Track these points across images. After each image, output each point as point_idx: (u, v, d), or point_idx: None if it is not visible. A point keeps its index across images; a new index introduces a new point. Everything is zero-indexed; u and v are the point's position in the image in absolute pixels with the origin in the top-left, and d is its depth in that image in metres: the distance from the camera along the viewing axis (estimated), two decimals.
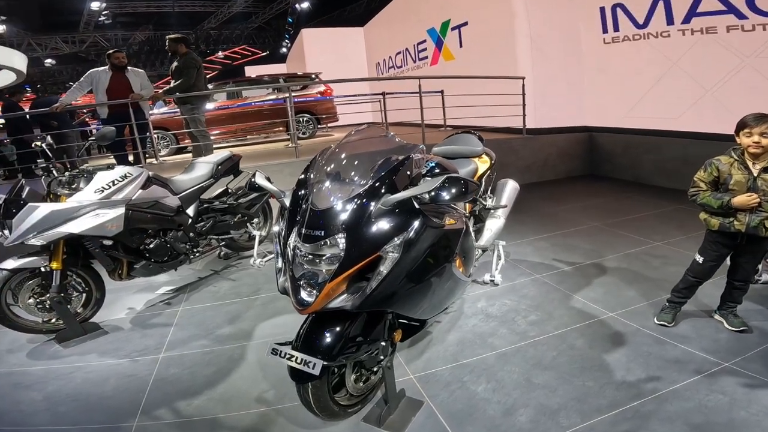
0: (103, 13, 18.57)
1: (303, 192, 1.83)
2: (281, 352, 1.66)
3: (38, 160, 2.98)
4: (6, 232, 2.70)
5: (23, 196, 2.72)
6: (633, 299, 2.94)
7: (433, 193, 1.67)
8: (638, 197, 5.49)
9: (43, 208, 2.64)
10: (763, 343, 2.36)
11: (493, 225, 3.01)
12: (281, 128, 8.86)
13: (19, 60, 13.20)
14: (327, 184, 1.81)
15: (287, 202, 1.88)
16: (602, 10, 6.66)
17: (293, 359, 1.61)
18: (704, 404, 1.95)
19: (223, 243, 3.91)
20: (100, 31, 20.78)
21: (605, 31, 6.70)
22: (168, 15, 20.18)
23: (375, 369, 1.98)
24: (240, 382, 2.35)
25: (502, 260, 3.34)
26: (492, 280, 3.19)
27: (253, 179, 2.09)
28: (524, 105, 6.69)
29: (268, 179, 2.10)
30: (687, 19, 5.61)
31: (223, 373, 2.43)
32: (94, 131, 8.41)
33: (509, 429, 1.89)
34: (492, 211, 3.07)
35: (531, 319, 2.78)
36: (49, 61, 22.43)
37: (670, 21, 5.81)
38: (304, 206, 1.76)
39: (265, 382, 2.33)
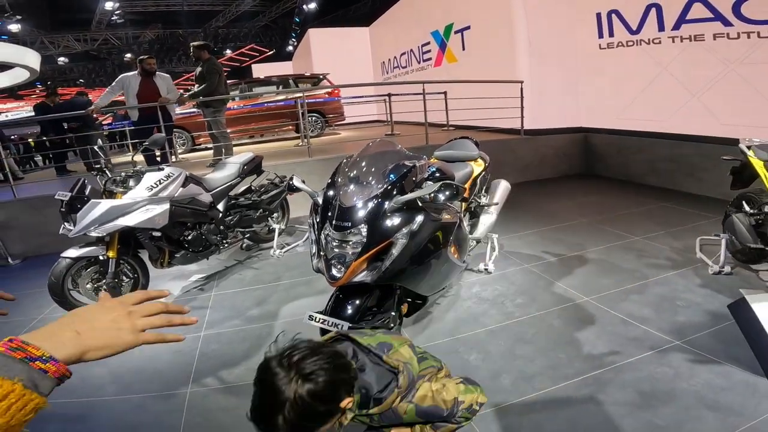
0: (115, 12, 19.00)
1: (332, 192, 2.31)
2: (316, 317, 2.15)
3: (94, 161, 3.38)
4: (68, 225, 3.15)
5: (86, 194, 3.17)
6: (607, 286, 3.36)
7: (431, 195, 2.16)
8: (627, 195, 5.88)
9: (104, 204, 3.09)
10: (715, 324, 2.74)
11: (487, 220, 3.46)
12: (291, 127, 9.29)
13: (32, 58, 13.65)
14: (351, 186, 2.28)
15: (320, 200, 2.35)
16: (598, 16, 7.01)
17: (326, 323, 2.11)
18: (652, 375, 2.33)
19: (247, 235, 4.37)
20: (111, 30, 21.23)
21: (601, 36, 7.04)
22: (177, 13, 20.58)
23: None
24: None
25: (495, 251, 3.80)
26: (486, 269, 3.65)
27: (291, 181, 2.55)
28: (522, 107, 7.06)
29: (303, 182, 2.57)
30: (677, 26, 5.95)
31: (256, 347, 2.89)
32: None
33: (495, 389, 2.32)
34: (486, 207, 3.52)
35: (517, 302, 3.22)
36: (62, 59, 22.91)
37: (661, 28, 6.15)
38: (334, 203, 2.24)
39: None
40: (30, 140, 9.43)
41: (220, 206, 3.99)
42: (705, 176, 5.60)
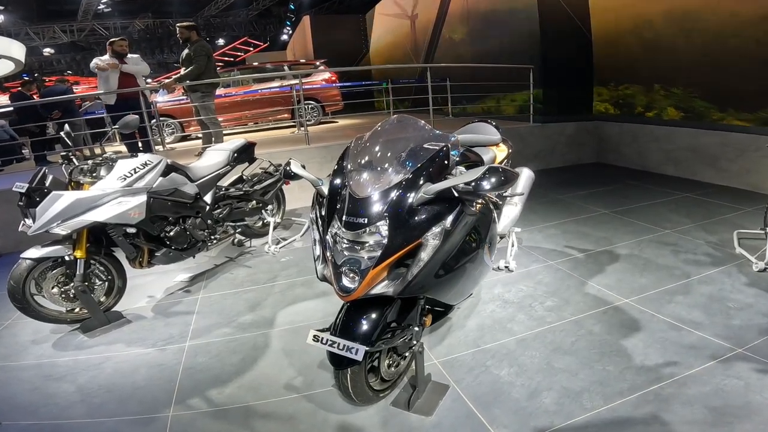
0: (102, 1, 18.35)
1: (340, 180, 1.86)
2: (322, 338, 1.70)
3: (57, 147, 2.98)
4: (28, 221, 2.72)
5: (46, 185, 2.73)
6: (646, 286, 2.99)
7: (474, 184, 1.70)
8: (645, 185, 5.53)
9: (68, 197, 2.65)
10: None
11: (511, 212, 3.06)
12: (286, 115, 8.86)
13: (17, 49, 13.15)
14: (365, 172, 1.84)
15: (325, 190, 1.91)
16: None
17: (335, 345, 1.66)
18: (721, 388, 2.01)
19: (239, 230, 3.95)
20: (98, 20, 20.54)
21: None
22: (168, 2, 19.94)
23: (406, 354, 2.03)
24: (267, 370, 2.40)
25: (515, 247, 3.41)
26: (507, 267, 3.26)
27: (288, 167, 2.12)
28: (532, 94, 6.68)
29: (303, 167, 2.13)
30: None
31: (249, 361, 2.48)
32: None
33: (535, 411, 1.95)
34: (509, 198, 3.11)
35: (548, 305, 2.83)
36: (47, 50, 22.19)
37: None
38: (343, 194, 1.79)
39: (291, 369, 2.38)
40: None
41: (207, 198, 3.55)
42: (727, 166, 5.27)
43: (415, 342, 1.88)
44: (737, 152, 5.14)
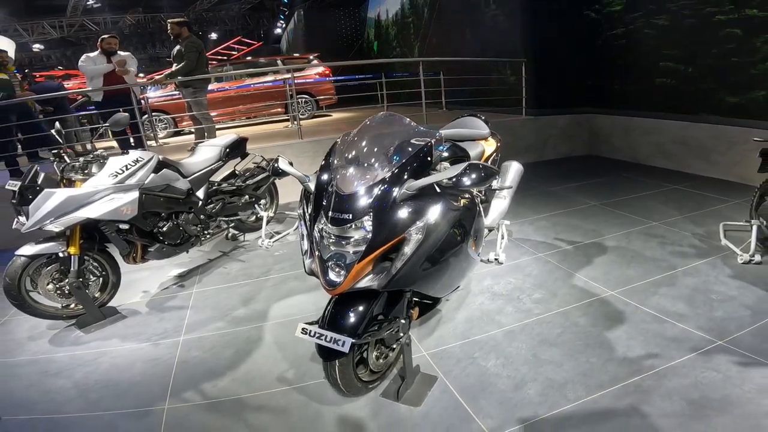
0: None
1: (327, 176, 1.91)
2: (310, 331, 1.76)
3: (41, 147, 2.99)
4: (22, 218, 2.75)
5: (39, 183, 2.76)
6: (632, 278, 3.04)
7: (454, 179, 1.76)
8: (636, 177, 5.58)
9: (60, 194, 2.68)
10: (756, 321, 2.45)
11: (499, 205, 3.11)
12: (280, 110, 8.86)
13: (7, 45, 13.03)
14: (351, 168, 1.89)
15: (312, 186, 1.96)
16: None
17: (323, 338, 1.72)
18: (700, 381, 2.04)
19: (232, 224, 3.99)
20: (88, 15, 20.33)
21: None
22: None
23: (394, 346, 2.08)
24: (260, 363, 2.45)
25: (505, 239, 3.46)
26: (496, 259, 3.32)
27: (276, 164, 2.15)
28: (524, 87, 6.71)
29: (291, 164, 2.17)
30: None
31: (243, 355, 2.53)
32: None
33: (520, 402, 2.01)
34: (497, 191, 3.16)
35: (535, 297, 2.89)
36: (36, 46, 21.95)
37: None
38: (329, 190, 1.84)
39: (284, 362, 2.43)
40: None
41: (200, 193, 3.59)
42: (717, 158, 5.32)
43: (402, 334, 1.94)
44: (727, 144, 5.19)
